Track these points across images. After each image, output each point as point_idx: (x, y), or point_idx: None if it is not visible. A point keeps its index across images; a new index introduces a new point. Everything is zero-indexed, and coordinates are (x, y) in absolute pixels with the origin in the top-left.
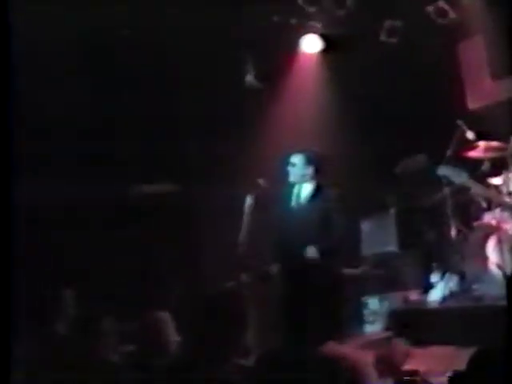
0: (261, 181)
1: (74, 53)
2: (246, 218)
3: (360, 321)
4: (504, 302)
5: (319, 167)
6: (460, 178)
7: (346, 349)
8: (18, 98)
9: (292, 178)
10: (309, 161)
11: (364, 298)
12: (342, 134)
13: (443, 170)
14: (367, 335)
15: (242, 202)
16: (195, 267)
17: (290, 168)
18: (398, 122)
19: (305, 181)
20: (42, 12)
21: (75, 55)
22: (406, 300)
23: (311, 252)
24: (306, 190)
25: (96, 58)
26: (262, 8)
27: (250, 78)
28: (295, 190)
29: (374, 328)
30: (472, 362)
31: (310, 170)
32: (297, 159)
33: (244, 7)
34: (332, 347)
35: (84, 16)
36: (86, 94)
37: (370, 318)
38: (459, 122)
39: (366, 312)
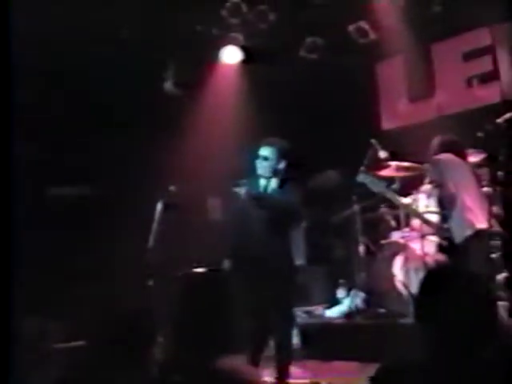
0: (173, 187)
1: None
2: (155, 224)
3: None
4: (409, 320)
5: (291, 161)
6: (378, 187)
7: (241, 364)
8: None
9: (261, 172)
10: (282, 155)
11: None
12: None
13: (362, 178)
14: None
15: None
16: (106, 271)
17: (259, 161)
18: (313, 136)
19: (275, 175)
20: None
21: None
22: (311, 314)
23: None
24: (273, 184)
25: None
26: (185, 16)
27: (169, 85)
28: (261, 184)
29: None
30: (375, 378)
31: (282, 165)
32: (269, 152)
33: (167, 15)
34: (228, 361)
35: None
36: None
37: None
38: (373, 141)
39: None
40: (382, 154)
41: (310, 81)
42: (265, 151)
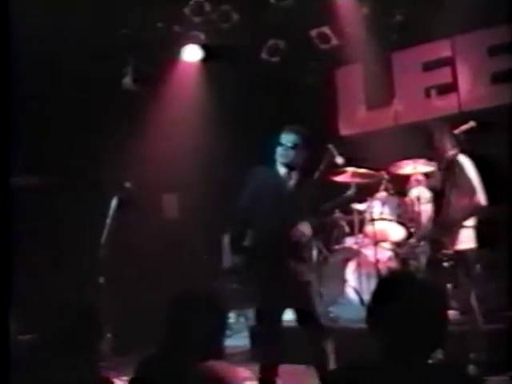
0: (128, 184)
1: None
2: (109, 220)
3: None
4: (360, 325)
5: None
6: None
7: (224, 366)
8: None
9: (285, 160)
10: (308, 143)
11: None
12: (214, 144)
13: None
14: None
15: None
16: (56, 267)
17: (283, 149)
18: (270, 138)
19: (298, 165)
20: None
21: None
22: None
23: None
24: (295, 175)
25: None
26: (147, 13)
27: (128, 81)
28: (281, 174)
29: (228, 342)
30: (325, 382)
31: (305, 154)
32: (298, 140)
33: (129, 11)
34: (210, 364)
35: None
36: None
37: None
38: (329, 146)
39: None
40: (339, 160)
41: (269, 83)
42: (292, 138)
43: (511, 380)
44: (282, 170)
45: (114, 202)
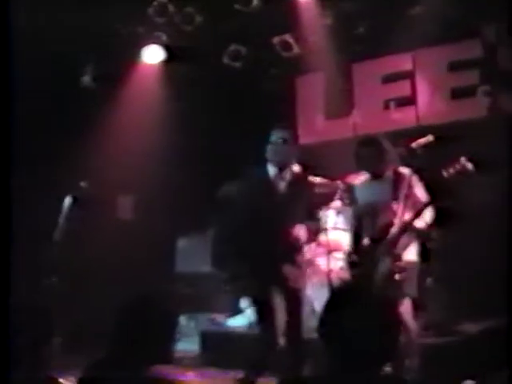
0: (83, 183)
1: None
2: (62, 219)
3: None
4: (311, 335)
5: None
6: None
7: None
8: None
9: (275, 157)
10: (297, 139)
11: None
12: (172, 147)
13: None
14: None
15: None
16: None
17: (273, 145)
18: (227, 143)
19: (288, 163)
20: None
21: None
22: (213, 322)
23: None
24: (287, 175)
25: None
26: (109, 12)
27: (87, 79)
28: (271, 173)
29: (179, 346)
30: None
31: (295, 150)
32: (287, 134)
33: (91, 9)
34: (158, 368)
35: None
36: None
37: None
38: None
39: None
40: (295, 168)
41: (230, 87)
42: (281, 133)
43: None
44: (273, 171)
45: (68, 201)
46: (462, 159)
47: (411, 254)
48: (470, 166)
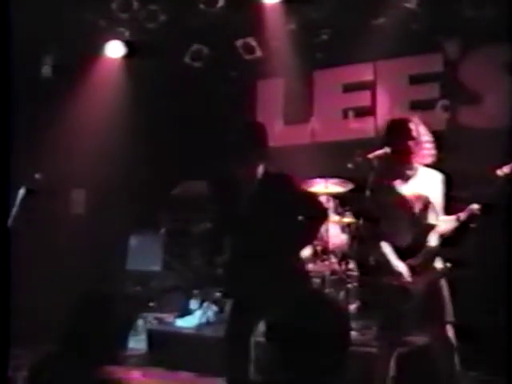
0: (38, 175)
1: None
2: (15, 210)
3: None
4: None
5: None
6: None
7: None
8: None
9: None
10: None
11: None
12: (130, 142)
13: None
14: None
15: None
16: None
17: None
18: (186, 143)
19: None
20: None
21: None
22: (160, 321)
23: None
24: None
25: None
26: (72, 4)
27: (46, 70)
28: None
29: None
30: None
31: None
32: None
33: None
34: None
35: None
36: None
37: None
38: None
39: None
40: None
41: (190, 87)
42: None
43: None
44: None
45: (21, 192)
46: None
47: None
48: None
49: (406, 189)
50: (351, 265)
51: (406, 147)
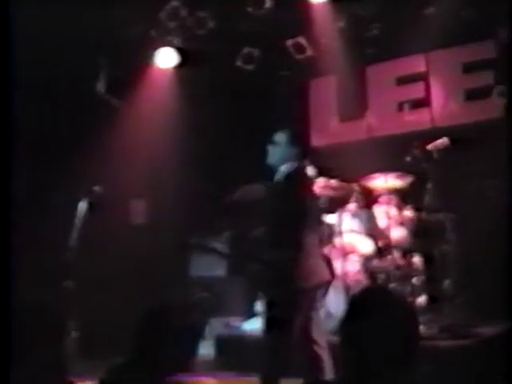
0: (97, 188)
1: None
2: (77, 222)
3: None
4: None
5: (306, 150)
6: None
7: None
8: None
9: (270, 160)
10: (293, 140)
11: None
12: (185, 150)
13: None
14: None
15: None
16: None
17: (270, 148)
18: (241, 147)
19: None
20: None
21: None
22: (227, 326)
23: None
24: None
25: None
26: (121, 16)
27: (101, 85)
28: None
29: None
30: None
31: (293, 151)
32: (280, 137)
33: (103, 12)
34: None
35: None
36: None
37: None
38: None
39: None
40: (310, 171)
41: (243, 90)
42: (277, 136)
43: None
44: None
45: (82, 205)
46: None
47: None
48: None
49: None
50: (415, 258)
51: None
